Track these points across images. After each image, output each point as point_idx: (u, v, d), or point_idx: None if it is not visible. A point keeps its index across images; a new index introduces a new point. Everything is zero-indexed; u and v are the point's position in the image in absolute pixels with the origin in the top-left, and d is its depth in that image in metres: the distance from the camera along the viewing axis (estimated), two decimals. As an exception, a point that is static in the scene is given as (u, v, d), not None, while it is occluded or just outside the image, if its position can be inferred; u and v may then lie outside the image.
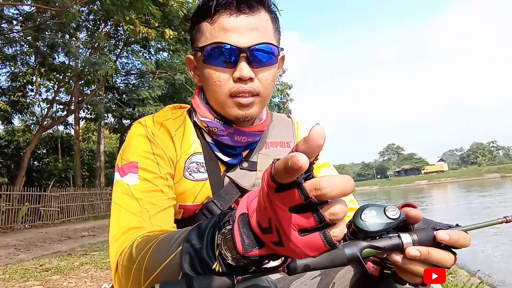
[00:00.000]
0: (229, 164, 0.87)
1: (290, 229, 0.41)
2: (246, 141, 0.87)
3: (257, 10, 0.80)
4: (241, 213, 0.47)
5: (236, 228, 0.46)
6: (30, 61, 13.35)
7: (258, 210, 0.44)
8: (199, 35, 0.82)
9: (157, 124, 0.85)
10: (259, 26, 0.79)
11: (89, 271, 3.82)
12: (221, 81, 0.79)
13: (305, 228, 0.40)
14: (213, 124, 0.85)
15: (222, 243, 0.48)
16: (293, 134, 0.98)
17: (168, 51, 16.52)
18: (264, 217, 0.43)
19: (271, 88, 0.84)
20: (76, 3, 9.46)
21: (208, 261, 0.50)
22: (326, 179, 0.39)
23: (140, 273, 0.60)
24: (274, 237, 0.43)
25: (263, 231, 0.44)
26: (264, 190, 0.42)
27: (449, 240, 0.52)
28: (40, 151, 20.76)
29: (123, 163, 0.80)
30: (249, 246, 0.45)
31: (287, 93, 27.47)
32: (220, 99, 0.81)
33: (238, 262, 0.47)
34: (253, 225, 0.45)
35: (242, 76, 0.77)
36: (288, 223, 0.40)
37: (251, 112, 0.81)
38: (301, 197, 0.39)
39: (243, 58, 0.77)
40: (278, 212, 0.41)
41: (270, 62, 0.81)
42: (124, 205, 0.74)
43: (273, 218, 0.42)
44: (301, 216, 0.40)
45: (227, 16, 0.78)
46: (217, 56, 0.78)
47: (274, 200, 0.41)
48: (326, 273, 0.77)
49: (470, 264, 4.78)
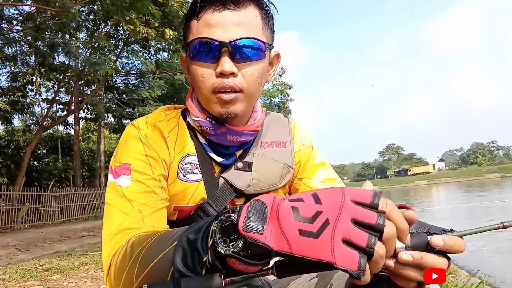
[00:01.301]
0: (224, 165, 0.87)
1: (340, 231, 0.43)
2: (239, 141, 0.86)
3: (244, 5, 0.79)
4: (255, 199, 0.48)
5: (246, 207, 0.47)
6: (30, 61, 13.36)
7: (303, 201, 0.46)
8: (188, 32, 0.82)
9: (150, 126, 0.84)
10: (244, 21, 0.78)
11: (89, 271, 3.82)
12: (204, 77, 0.78)
13: (349, 241, 0.43)
14: (205, 124, 0.84)
15: (217, 229, 0.48)
16: (289, 134, 0.97)
17: (168, 51, 16.50)
18: (311, 210, 0.45)
19: (257, 84, 0.81)
20: (76, 3, 9.46)
21: (201, 252, 0.50)
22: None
23: (134, 270, 0.60)
24: (312, 227, 0.44)
25: (300, 219, 0.44)
26: (341, 192, 0.45)
27: (444, 246, 0.51)
28: (40, 151, 20.76)
29: (116, 165, 0.79)
30: (252, 226, 0.45)
31: (287, 93, 27.48)
32: (204, 95, 0.80)
33: (228, 248, 0.47)
34: (283, 208, 0.46)
35: (223, 70, 0.76)
36: (343, 226, 0.43)
37: (234, 109, 0.80)
38: (378, 218, 0.44)
39: (225, 52, 0.76)
40: (342, 214, 0.43)
41: (255, 57, 0.79)
42: (117, 206, 0.74)
43: (328, 214, 0.44)
44: (359, 229, 0.43)
45: (211, 12, 0.78)
46: (201, 51, 0.78)
47: (349, 206, 0.44)
48: (323, 275, 0.77)
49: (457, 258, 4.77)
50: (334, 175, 0.97)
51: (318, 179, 0.94)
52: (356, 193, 0.46)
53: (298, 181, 0.96)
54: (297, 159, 0.96)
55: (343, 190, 0.46)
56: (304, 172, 0.96)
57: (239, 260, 0.47)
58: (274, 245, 0.45)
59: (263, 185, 0.88)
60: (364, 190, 0.47)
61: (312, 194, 0.47)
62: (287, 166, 0.93)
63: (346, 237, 0.43)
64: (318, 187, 0.93)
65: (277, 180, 0.91)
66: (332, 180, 0.95)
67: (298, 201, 0.46)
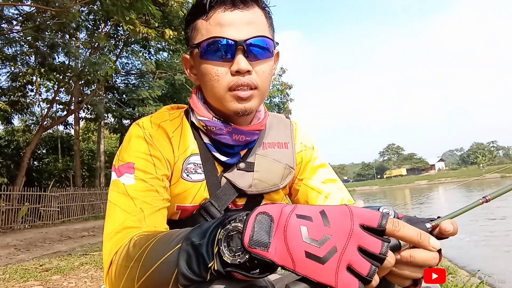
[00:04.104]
0: (227, 165, 0.87)
1: (346, 259, 0.44)
2: (244, 140, 0.86)
3: (251, 5, 0.81)
4: (261, 211, 0.48)
5: (252, 220, 0.47)
6: (30, 61, 13.36)
7: (312, 221, 0.46)
8: (195, 33, 0.83)
9: (154, 125, 0.85)
10: (254, 21, 0.80)
11: (89, 271, 3.82)
12: (219, 76, 0.79)
13: (352, 268, 0.44)
14: (211, 123, 0.84)
15: (223, 238, 0.48)
16: (291, 135, 0.98)
17: (168, 51, 16.49)
18: (320, 232, 0.45)
19: (269, 82, 0.84)
20: (76, 3, 9.46)
21: (206, 258, 0.50)
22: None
23: (136, 270, 0.60)
24: (319, 252, 0.44)
25: (308, 240, 0.45)
26: (350, 216, 0.46)
27: (453, 230, 0.53)
28: (40, 151, 20.76)
29: (119, 164, 0.80)
30: (257, 242, 0.46)
31: (287, 93, 27.46)
32: (218, 94, 0.81)
33: (235, 258, 0.47)
34: (291, 226, 0.46)
35: (240, 69, 0.77)
36: (350, 254, 0.44)
37: (250, 106, 0.81)
38: (382, 248, 0.45)
39: (240, 51, 0.78)
40: (350, 243, 0.45)
41: (266, 55, 0.81)
42: (120, 204, 0.74)
43: (336, 240, 0.45)
44: (363, 259, 0.45)
45: (222, 11, 0.78)
46: (214, 51, 0.79)
47: (357, 233, 0.45)
48: None
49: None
50: (334, 176, 0.98)
51: (318, 179, 0.95)
52: (363, 216, 0.46)
53: (298, 182, 0.97)
54: (298, 160, 0.96)
55: (351, 213, 0.47)
56: (304, 172, 0.96)
57: (242, 274, 0.48)
58: (278, 260, 0.46)
59: (264, 186, 0.89)
60: (372, 212, 0.47)
61: (320, 212, 0.47)
62: (288, 167, 0.93)
63: (351, 264, 0.44)
64: (318, 187, 0.94)
65: (278, 180, 0.91)
66: (332, 181, 0.96)
67: (307, 220, 0.47)
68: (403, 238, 0.48)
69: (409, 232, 0.48)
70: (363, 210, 0.47)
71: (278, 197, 0.94)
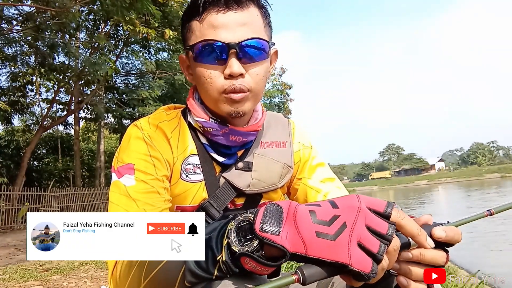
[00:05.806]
0: (225, 165, 0.87)
1: (357, 234, 0.45)
2: (241, 141, 0.86)
3: (246, 5, 0.79)
4: (272, 203, 0.50)
5: (263, 209, 0.49)
6: (30, 61, 13.34)
7: (320, 206, 0.48)
8: (190, 33, 0.82)
9: (153, 126, 0.85)
10: (248, 22, 0.78)
11: (89, 271, 3.82)
12: (212, 78, 0.79)
13: (362, 245, 0.46)
14: (208, 124, 0.84)
15: (233, 228, 0.50)
16: (289, 134, 0.98)
17: (168, 51, 16.48)
18: (329, 213, 0.47)
19: (263, 83, 0.84)
20: (76, 3, 9.46)
21: (215, 251, 0.51)
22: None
23: (142, 269, 0.60)
24: (329, 230, 0.45)
25: (317, 221, 0.46)
26: (357, 198, 0.47)
27: (445, 237, 0.53)
28: (40, 151, 20.75)
29: (119, 165, 0.80)
30: (268, 227, 0.47)
31: (287, 93, 27.45)
32: (212, 96, 0.81)
33: (243, 247, 0.48)
34: (300, 211, 0.48)
35: (232, 72, 0.77)
36: (359, 229, 0.45)
37: (243, 108, 0.81)
38: (388, 229, 0.46)
39: (233, 54, 0.77)
40: (359, 219, 0.46)
41: (260, 57, 0.80)
42: (122, 205, 0.74)
43: (346, 217, 0.46)
44: (372, 236, 0.46)
45: (215, 13, 0.78)
46: (207, 53, 0.78)
47: (365, 211, 0.47)
48: None
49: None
50: (333, 175, 0.98)
51: (317, 178, 0.95)
52: (370, 201, 0.48)
53: (297, 181, 0.97)
54: (296, 159, 0.96)
55: (358, 196, 0.49)
56: (303, 172, 0.96)
57: (253, 259, 0.47)
58: (290, 246, 0.46)
59: (263, 185, 0.89)
60: (378, 199, 0.49)
61: (328, 201, 0.49)
62: (286, 166, 0.93)
63: (361, 241, 0.45)
64: (317, 186, 0.94)
65: (277, 180, 0.91)
66: (331, 180, 0.95)
67: (315, 206, 0.48)
68: (404, 227, 0.49)
69: (411, 224, 0.49)
70: (369, 197, 0.49)
71: (277, 196, 0.94)
